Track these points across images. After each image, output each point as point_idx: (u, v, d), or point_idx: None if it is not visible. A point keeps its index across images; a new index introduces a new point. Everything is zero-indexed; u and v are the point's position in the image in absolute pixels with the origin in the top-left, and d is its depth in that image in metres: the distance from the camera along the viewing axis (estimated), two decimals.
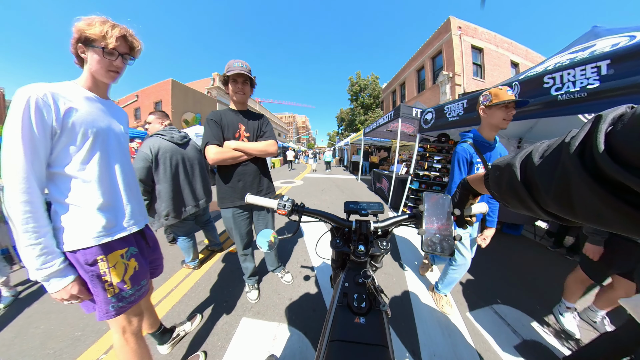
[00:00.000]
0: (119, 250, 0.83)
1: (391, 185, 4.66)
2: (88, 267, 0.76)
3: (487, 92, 1.32)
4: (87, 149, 0.75)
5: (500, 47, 11.27)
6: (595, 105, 1.40)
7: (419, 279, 2.10)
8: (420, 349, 1.36)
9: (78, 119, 0.72)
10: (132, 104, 14.80)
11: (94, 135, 0.76)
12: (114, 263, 0.81)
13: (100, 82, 0.82)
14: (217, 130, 1.37)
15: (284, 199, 0.76)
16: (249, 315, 1.59)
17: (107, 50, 0.75)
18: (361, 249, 0.64)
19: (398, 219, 0.70)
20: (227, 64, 1.35)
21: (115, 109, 0.92)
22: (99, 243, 0.77)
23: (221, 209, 1.52)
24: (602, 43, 2.09)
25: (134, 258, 0.89)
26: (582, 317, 1.64)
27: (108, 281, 0.79)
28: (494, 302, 1.81)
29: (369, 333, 0.47)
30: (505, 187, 0.39)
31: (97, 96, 0.82)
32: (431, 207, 0.61)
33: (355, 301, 0.52)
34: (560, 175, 0.27)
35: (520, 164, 0.35)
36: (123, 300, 0.83)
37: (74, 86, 0.77)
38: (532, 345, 1.42)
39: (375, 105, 21.99)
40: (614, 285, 1.44)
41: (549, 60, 2.66)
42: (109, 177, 0.82)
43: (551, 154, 0.30)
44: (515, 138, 4.43)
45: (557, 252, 2.81)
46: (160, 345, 1.29)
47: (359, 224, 0.69)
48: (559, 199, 0.28)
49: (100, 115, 0.81)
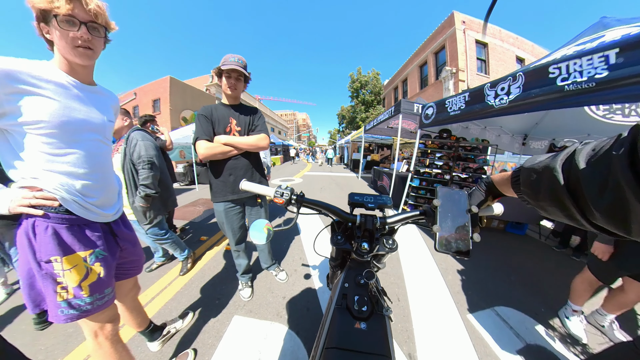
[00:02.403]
0: (82, 252, 0.75)
1: (392, 183, 4.58)
2: (43, 264, 0.69)
3: None
4: (50, 141, 0.68)
5: (505, 42, 11.03)
6: (603, 95, 1.32)
7: (418, 278, 2.03)
8: (418, 352, 1.30)
9: (39, 106, 0.65)
10: (130, 102, 14.81)
11: (59, 128, 0.69)
12: (72, 266, 0.73)
13: (75, 64, 0.73)
14: (207, 126, 1.36)
15: (282, 186, 0.69)
16: (241, 314, 1.55)
17: (60, 18, 0.65)
18: (365, 246, 0.58)
19: (408, 215, 0.64)
20: (224, 57, 1.34)
21: (99, 96, 0.83)
22: (58, 196, 0.71)
23: (214, 203, 1.51)
24: (612, 34, 1.97)
25: (100, 262, 0.79)
26: (590, 321, 1.56)
27: (62, 284, 0.71)
28: (496, 303, 1.73)
29: (370, 341, 0.42)
30: (544, 193, 0.35)
31: (76, 81, 0.74)
32: (446, 202, 0.55)
33: (355, 304, 0.47)
34: (613, 188, 0.24)
35: (562, 167, 0.31)
36: (76, 308, 0.73)
37: (49, 68, 0.69)
38: (535, 350, 1.35)
39: (376, 102, 21.78)
40: (625, 288, 1.36)
41: (555, 53, 2.54)
42: (83, 171, 0.76)
43: (599, 162, 0.27)
44: (521, 134, 4.32)
45: (563, 253, 2.72)
46: (150, 342, 1.28)
47: (364, 219, 0.62)
48: (610, 213, 0.26)
49: (75, 105, 0.73)
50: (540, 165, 0.36)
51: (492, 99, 2.05)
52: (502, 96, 1.94)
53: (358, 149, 12.26)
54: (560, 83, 1.47)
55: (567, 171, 0.31)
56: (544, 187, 0.35)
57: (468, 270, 2.19)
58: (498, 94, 1.98)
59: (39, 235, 0.69)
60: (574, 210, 0.30)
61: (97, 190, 0.81)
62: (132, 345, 1.29)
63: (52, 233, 0.70)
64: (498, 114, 2.07)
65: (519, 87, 1.77)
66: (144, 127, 2.73)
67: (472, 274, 2.14)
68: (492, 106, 2.06)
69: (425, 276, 2.08)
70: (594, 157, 0.28)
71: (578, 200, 0.29)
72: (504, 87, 1.91)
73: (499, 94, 1.96)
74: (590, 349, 1.38)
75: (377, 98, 21.76)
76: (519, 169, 0.44)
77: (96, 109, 0.81)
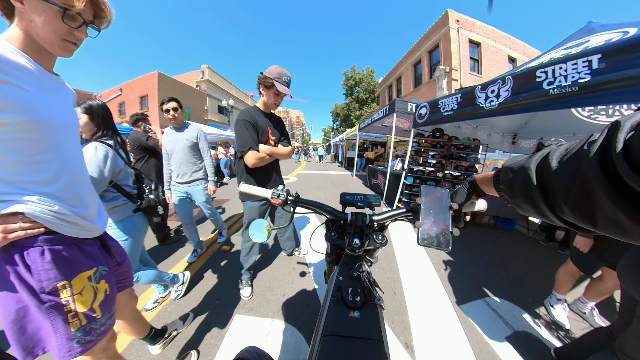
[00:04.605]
0: (86, 271, 0.66)
1: (386, 181, 4.67)
2: (45, 296, 0.58)
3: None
4: (27, 146, 0.56)
5: (498, 42, 11.24)
6: (586, 99, 1.41)
7: (413, 273, 2.11)
8: (414, 342, 1.37)
9: (9, 98, 0.51)
10: (115, 99, 14.26)
11: (39, 126, 0.57)
12: (81, 288, 0.64)
13: (44, 49, 0.59)
14: (255, 135, 1.45)
15: (278, 188, 0.74)
16: (242, 312, 1.58)
17: (69, 14, 0.55)
18: (356, 242, 0.63)
19: (395, 213, 0.69)
20: (277, 70, 1.40)
21: (62, 88, 0.69)
22: (51, 220, 0.59)
23: (250, 202, 1.60)
24: (596, 39, 2.08)
25: (104, 279, 0.72)
26: (572, 309, 1.67)
27: (72, 311, 0.62)
28: (487, 294, 1.83)
29: (363, 327, 0.46)
30: (518, 191, 0.38)
31: (42, 68, 0.60)
32: (429, 200, 0.60)
33: (349, 295, 0.51)
34: (580, 183, 0.25)
35: (536, 167, 0.34)
36: (92, 332, 0.66)
37: (5, 46, 0.53)
38: (523, 336, 1.45)
39: (370, 100, 21.87)
40: (604, 277, 1.47)
41: (544, 56, 2.65)
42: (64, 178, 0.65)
43: (570, 159, 0.28)
44: (510, 133, 4.46)
45: (549, 246, 2.86)
46: (151, 346, 1.26)
47: (355, 217, 0.67)
48: (577, 208, 0.27)
49: (47, 97, 0.61)
50: (517, 165, 0.39)
51: (483, 101, 2.13)
52: (492, 98, 2.03)
53: (352, 147, 12.33)
54: (546, 87, 1.55)
55: (540, 170, 0.33)
56: (518, 185, 0.38)
57: (460, 264, 2.29)
58: (488, 96, 2.06)
59: (34, 265, 0.57)
60: (544, 207, 0.32)
61: (87, 199, 0.72)
62: (132, 349, 1.28)
63: (52, 257, 0.60)
64: (488, 114, 2.15)
65: (507, 90, 1.86)
66: (135, 126, 2.66)
67: (464, 267, 2.23)
68: (482, 108, 2.15)
69: (419, 271, 2.16)
70: (565, 156, 0.29)
71: (548, 197, 0.31)
72: (494, 89, 2.00)
73: (489, 96, 2.05)
74: (572, 334, 1.48)
75: (371, 96, 21.85)
76: (499, 169, 0.46)
77: (65, 103, 0.69)
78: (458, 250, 2.59)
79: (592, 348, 1.12)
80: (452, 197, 0.61)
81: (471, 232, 3.16)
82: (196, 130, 2.06)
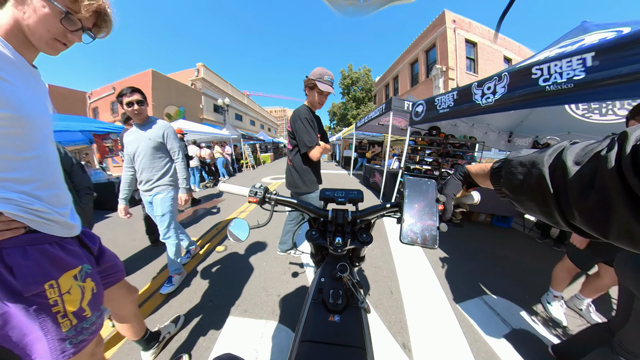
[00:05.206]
0: (72, 269, 0.64)
1: (383, 180, 4.66)
2: (32, 297, 0.55)
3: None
4: (11, 143, 0.54)
5: (493, 42, 11.33)
6: (581, 95, 1.41)
7: (409, 271, 2.09)
8: (411, 341, 1.35)
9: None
10: (108, 97, 14.02)
11: (25, 122, 0.55)
12: (68, 287, 0.62)
13: (29, 42, 0.58)
14: (316, 133, 1.67)
15: (256, 186, 0.70)
16: (235, 314, 1.55)
17: (68, 18, 0.55)
18: (338, 241, 0.59)
19: (378, 208, 0.64)
20: (319, 71, 1.56)
21: (41, 83, 0.67)
22: (32, 219, 0.57)
23: (311, 192, 1.81)
24: (591, 38, 2.09)
25: (90, 277, 0.70)
26: (569, 305, 1.67)
27: (61, 311, 0.60)
28: (484, 292, 1.82)
29: (343, 333, 0.43)
30: (525, 187, 0.35)
31: (24, 60, 0.58)
32: (413, 193, 0.54)
33: (330, 297, 0.48)
34: (598, 189, 0.24)
35: (549, 164, 0.31)
36: (84, 332, 0.65)
37: None
38: (521, 333, 1.44)
39: (367, 99, 21.89)
40: (600, 274, 1.46)
41: (538, 55, 2.65)
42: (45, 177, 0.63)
43: (587, 162, 0.27)
44: (506, 132, 4.49)
45: (545, 243, 2.87)
46: (144, 351, 1.21)
47: (335, 214, 0.63)
48: (590, 215, 0.26)
49: (30, 92, 0.58)
50: (526, 160, 0.36)
51: (479, 98, 2.12)
52: (488, 95, 2.02)
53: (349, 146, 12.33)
54: (542, 83, 1.55)
55: (553, 168, 0.31)
56: (527, 182, 0.35)
57: (457, 263, 2.28)
58: (485, 92, 2.05)
59: (17, 266, 0.55)
60: (554, 208, 0.30)
61: (64, 198, 0.70)
62: (121, 354, 1.25)
63: (36, 256, 0.58)
64: (485, 111, 2.15)
65: (504, 87, 1.85)
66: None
67: (461, 265, 2.22)
68: (479, 104, 2.14)
69: (416, 269, 2.14)
70: (582, 158, 0.28)
71: (559, 199, 0.29)
72: (490, 86, 1.99)
73: (486, 92, 2.04)
74: (569, 331, 1.48)
75: (368, 95, 21.88)
76: (501, 161, 0.43)
77: (44, 98, 0.66)
78: (455, 248, 2.59)
79: (590, 344, 1.11)
80: (440, 189, 0.56)
81: (467, 230, 3.16)
82: (162, 128, 1.68)
